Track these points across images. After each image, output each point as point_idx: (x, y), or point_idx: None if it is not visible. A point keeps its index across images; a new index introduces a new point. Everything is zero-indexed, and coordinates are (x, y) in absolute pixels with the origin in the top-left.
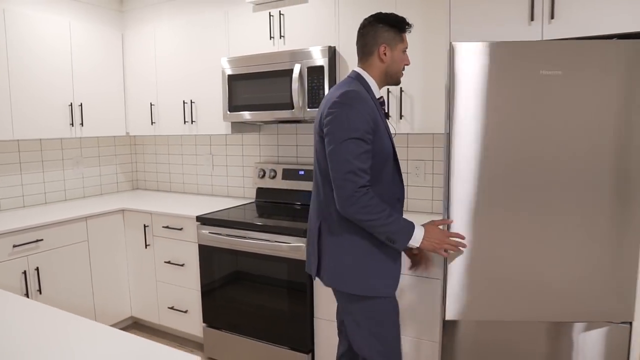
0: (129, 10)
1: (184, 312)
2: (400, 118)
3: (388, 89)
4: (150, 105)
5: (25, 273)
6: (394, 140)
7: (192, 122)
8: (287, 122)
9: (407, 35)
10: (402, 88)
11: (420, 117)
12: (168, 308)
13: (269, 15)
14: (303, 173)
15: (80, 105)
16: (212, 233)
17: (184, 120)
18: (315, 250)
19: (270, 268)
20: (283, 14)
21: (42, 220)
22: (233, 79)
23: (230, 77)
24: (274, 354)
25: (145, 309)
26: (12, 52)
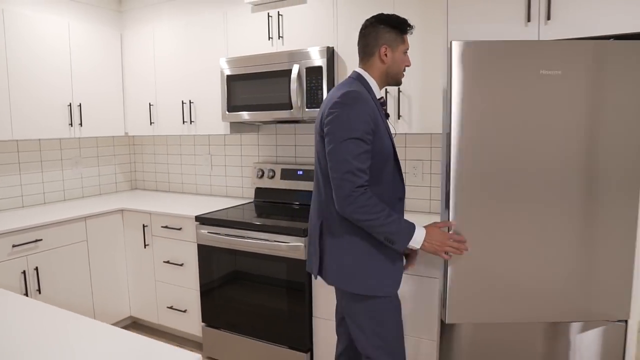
0: (128, 11)
1: (183, 311)
2: (398, 118)
3: (386, 89)
4: (149, 106)
5: (25, 273)
6: (395, 140)
7: (190, 122)
8: (285, 122)
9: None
10: (399, 88)
11: (418, 117)
12: (167, 308)
13: (268, 16)
14: (302, 173)
15: (79, 106)
16: (211, 233)
17: (183, 121)
18: (317, 250)
19: (269, 267)
20: (282, 15)
21: (41, 220)
22: (232, 79)
23: (229, 77)
24: (273, 353)
25: (144, 309)
26: (11, 52)
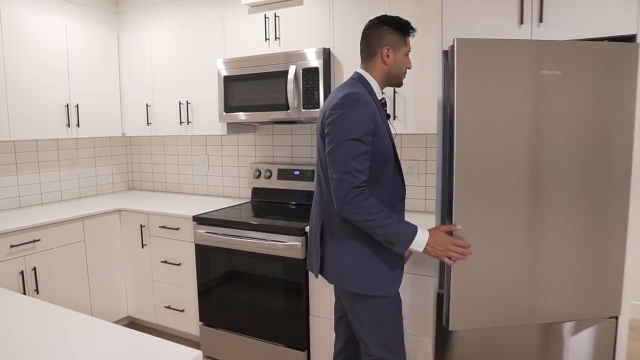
0: (125, 11)
1: (181, 311)
2: (394, 119)
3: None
4: (146, 106)
5: (23, 273)
6: (398, 141)
7: (188, 122)
8: (282, 122)
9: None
10: (395, 89)
11: (414, 117)
12: (164, 307)
13: (265, 17)
14: (298, 173)
15: (77, 106)
16: (208, 232)
17: (180, 121)
18: (318, 250)
19: (266, 267)
20: (278, 16)
21: (39, 221)
22: (229, 80)
23: (226, 78)
24: (271, 352)
25: (142, 309)
26: (8, 53)
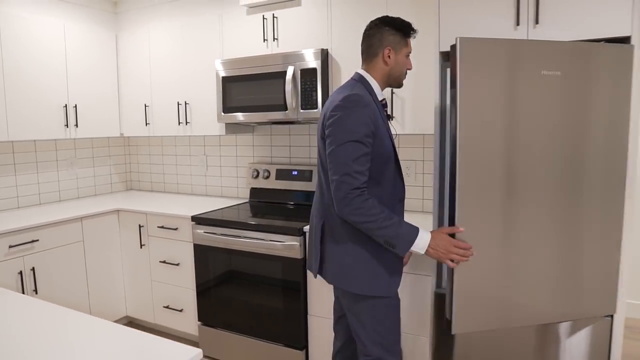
0: (123, 12)
1: (179, 311)
2: (392, 119)
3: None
4: (145, 107)
5: (21, 273)
6: (401, 142)
7: (186, 123)
8: (280, 123)
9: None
10: (393, 90)
11: (411, 118)
12: (163, 307)
13: (263, 18)
14: (296, 173)
15: (75, 107)
16: (207, 233)
17: (179, 121)
18: (318, 250)
19: (265, 266)
20: (276, 17)
21: (37, 221)
22: (227, 81)
23: (225, 78)
24: (269, 351)
25: (140, 309)
26: (6, 53)
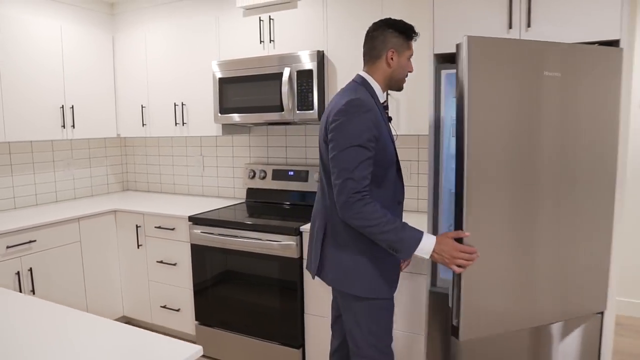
0: (120, 13)
1: (177, 310)
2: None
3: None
4: (142, 107)
5: (19, 274)
6: (396, 143)
7: (183, 124)
8: (276, 124)
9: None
10: (387, 92)
11: (406, 119)
12: (160, 307)
13: (259, 20)
14: (292, 174)
15: (72, 108)
16: (204, 233)
17: (175, 122)
18: (318, 252)
19: (262, 266)
20: (273, 19)
21: (35, 222)
22: (224, 82)
23: (221, 80)
24: (266, 350)
25: (137, 308)
26: (3, 54)
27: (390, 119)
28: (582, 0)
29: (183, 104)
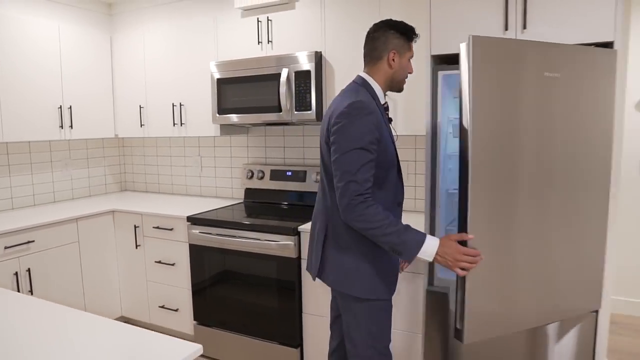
0: (118, 14)
1: (175, 310)
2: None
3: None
4: (140, 108)
5: (17, 274)
6: (397, 144)
7: (181, 124)
8: (274, 124)
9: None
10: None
11: (403, 119)
12: (158, 307)
13: (257, 21)
14: (290, 174)
15: (70, 108)
16: (202, 233)
17: (173, 123)
18: (319, 254)
19: (260, 266)
20: (271, 20)
21: (33, 222)
22: (222, 83)
23: (219, 80)
24: (264, 350)
25: (136, 308)
26: (1, 55)
27: (391, 120)
28: (577, 3)
29: (181, 105)
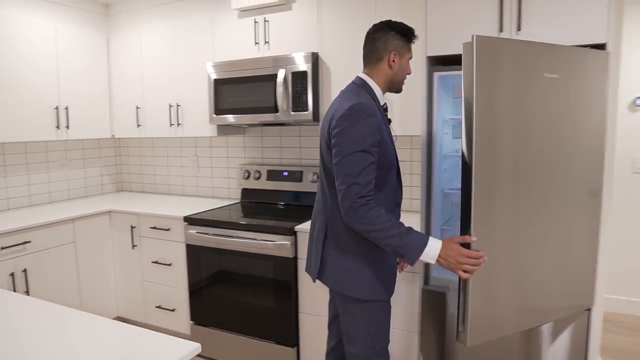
0: (115, 14)
1: (171, 310)
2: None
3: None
4: (136, 108)
5: (13, 275)
6: (396, 144)
7: (177, 124)
8: (271, 125)
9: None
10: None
11: (399, 120)
12: (155, 307)
13: (254, 22)
14: (287, 174)
15: (66, 108)
16: (199, 233)
17: (170, 123)
18: (319, 255)
19: (257, 266)
20: (268, 21)
21: (29, 222)
22: (219, 83)
23: (216, 81)
24: (261, 349)
25: (132, 308)
26: None
27: (390, 121)
28: (570, 5)
29: (178, 105)
